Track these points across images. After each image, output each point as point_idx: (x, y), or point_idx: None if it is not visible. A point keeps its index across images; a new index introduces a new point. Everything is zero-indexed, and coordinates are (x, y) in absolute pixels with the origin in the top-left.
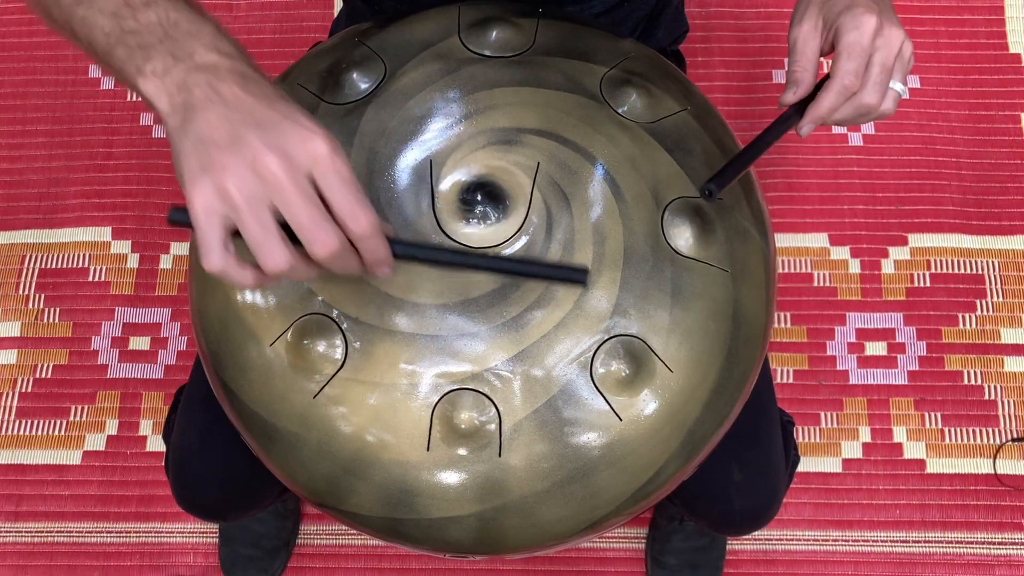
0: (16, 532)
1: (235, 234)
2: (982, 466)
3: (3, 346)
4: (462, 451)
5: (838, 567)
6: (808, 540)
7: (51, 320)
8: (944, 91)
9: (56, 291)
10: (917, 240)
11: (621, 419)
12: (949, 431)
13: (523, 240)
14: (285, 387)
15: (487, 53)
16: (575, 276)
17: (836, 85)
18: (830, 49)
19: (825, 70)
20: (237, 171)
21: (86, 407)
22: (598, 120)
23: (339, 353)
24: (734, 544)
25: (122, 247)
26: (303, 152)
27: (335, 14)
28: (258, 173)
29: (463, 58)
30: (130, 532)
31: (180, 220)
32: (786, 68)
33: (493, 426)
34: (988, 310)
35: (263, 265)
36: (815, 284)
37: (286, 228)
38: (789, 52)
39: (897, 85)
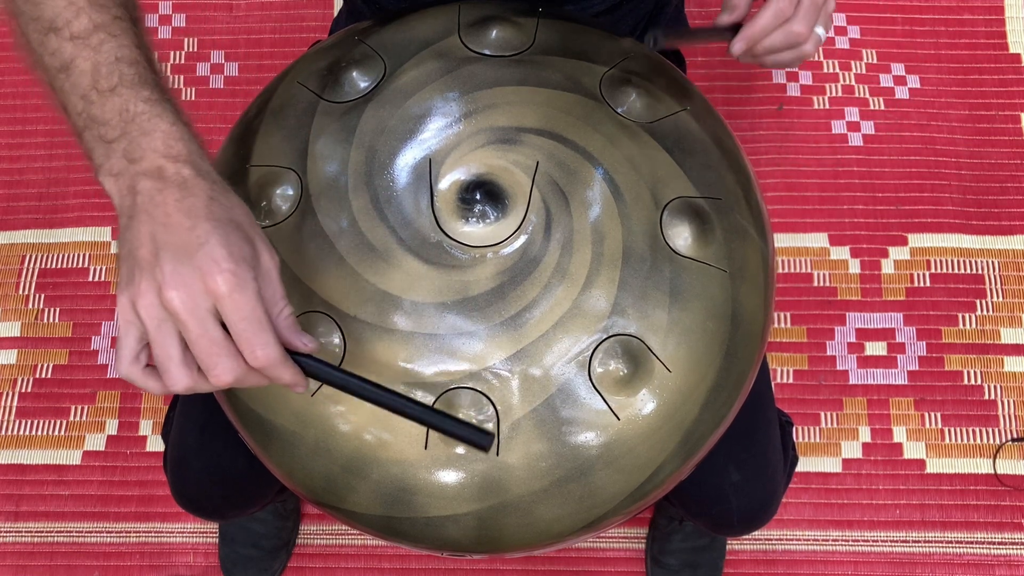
0: (16, 532)
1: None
2: (982, 466)
3: (3, 346)
4: (460, 450)
5: (838, 567)
6: (808, 540)
7: (51, 320)
8: (944, 91)
9: (56, 291)
10: (917, 240)
11: (619, 418)
12: (949, 431)
13: (522, 239)
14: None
15: (487, 52)
16: (481, 440)
17: (772, 7)
18: None
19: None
20: (147, 295)
21: (86, 407)
22: (598, 120)
23: (337, 351)
24: (734, 544)
25: None
26: (204, 289)
27: (335, 13)
28: (164, 303)
29: (463, 57)
30: (130, 532)
31: None
32: None
33: (491, 425)
34: (988, 310)
35: (165, 383)
36: (815, 284)
37: None
38: None
39: (819, 29)
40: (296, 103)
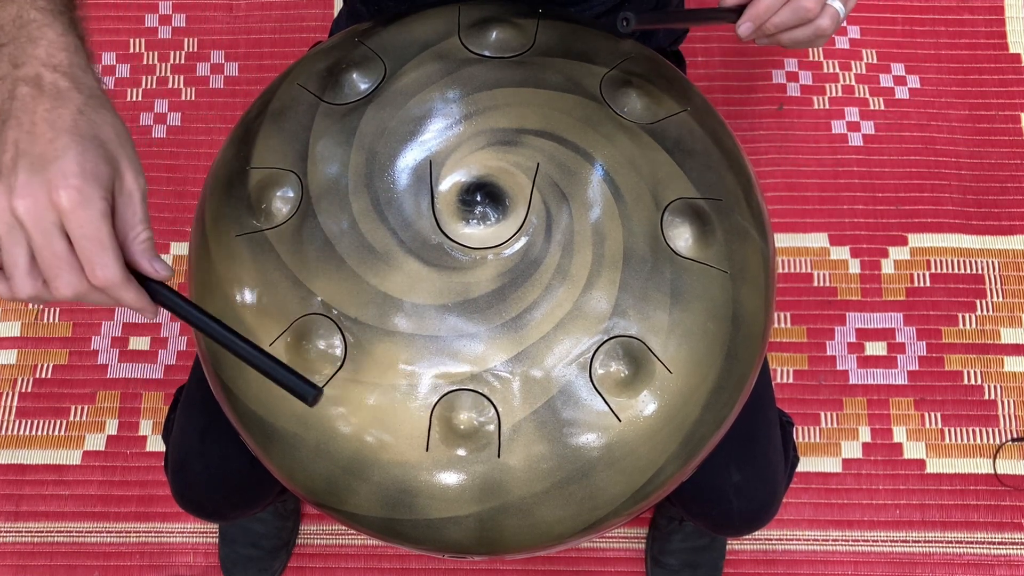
0: (16, 532)
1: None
2: (982, 466)
3: (3, 346)
4: (461, 452)
5: (838, 567)
6: (808, 540)
7: (51, 320)
8: (944, 91)
9: None
10: (917, 240)
11: (620, 420)
12: (949, 431)
13: (522, 241)
14: None
15: (487, 53)
16: (303, 391)
17: None
18: None
19: None
20: (4, 205)
21: (86, 407)
22: (598, 121)
23: (338, 353)
24: (734, 544)
25: None
26: (49, 203)
27: (335, 14)
28: (13, 211)
29: (463, 58)
30: (130, 532)
31: None
32: None
33: (492, 427)
34: (988, 310)
35: (11, 288)
36: (815, 284)
37: None
38: None
39: (835, 2)
40: (296, 105)
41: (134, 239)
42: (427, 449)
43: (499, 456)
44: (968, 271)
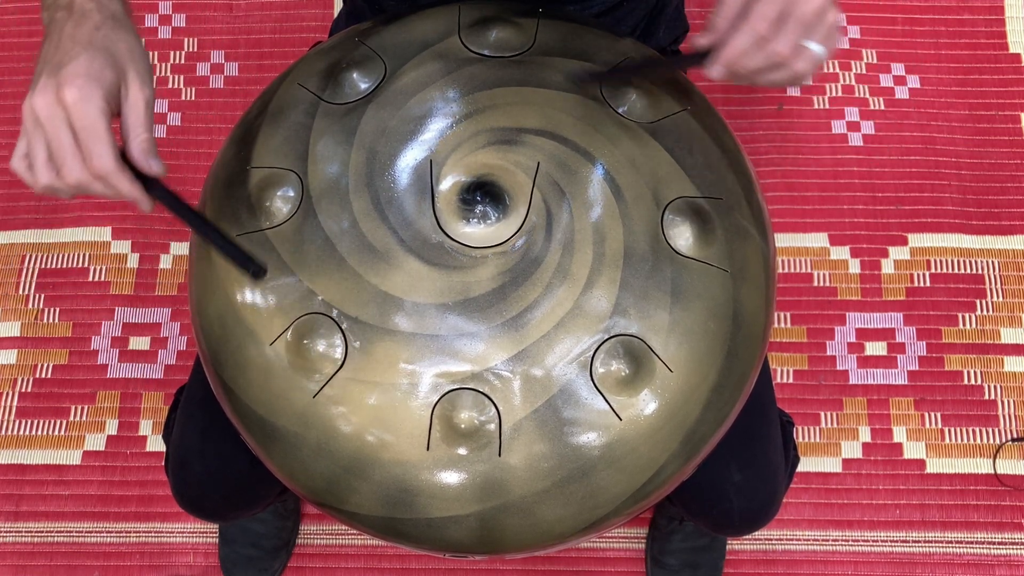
0: (16, 532)
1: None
2: (982, 466)
3: (3, 346)
4: (462, 451)
5: (838, 567)
6: (808, 540)
7: (51, 320)
8: (944, 91)
9: (56, 291)
10: (917, 240)
11: (621, 419)
12: (949, 431)
13: (523, 240)
14: (285, 386)
15: (487, 53)
16: (250, 266)
17: (747, 26)
18: None
19: None
20: (26, 103)
21: (86, 407)
22: (598, 120)
23: (339, 352)
24: (734, 544)
25: (122, 247)
26: (57, 98)
27: (335, 14)
28: (33, 109)
29: (463, 58)
30: (130, 532)
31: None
32: None
33: (493, 426)
34: (988, 310)
35: (34, 177)
36: (815, 284)
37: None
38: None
39: (814, 45)
40: (297, 105)
41: (134, 139)
42: (428, 448)
43: (500, 455)
44: (968, 271)
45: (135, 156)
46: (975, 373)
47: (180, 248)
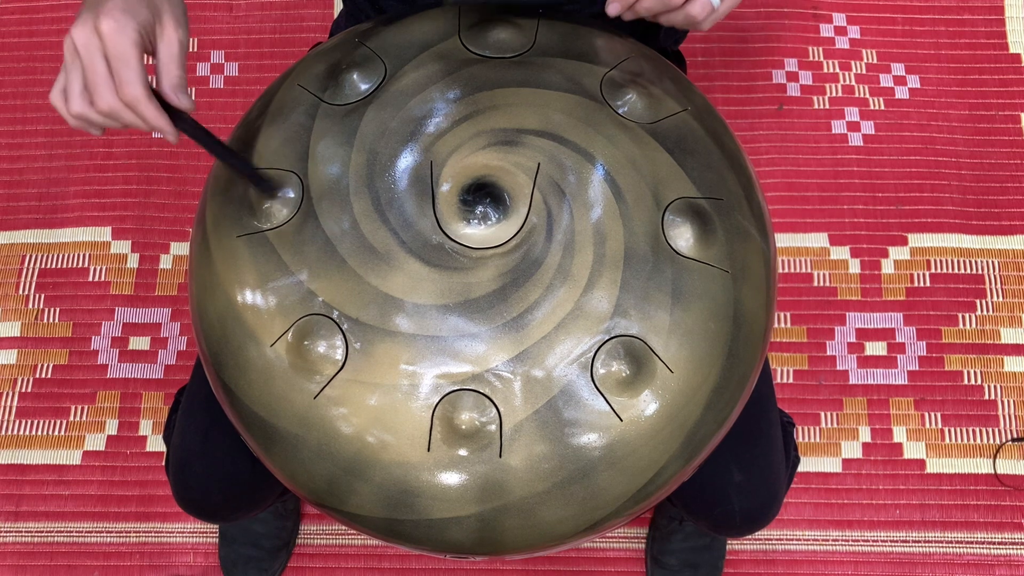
0: (16, 532)
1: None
2: (982, 466)
3: (3, 346)
4: (463, 452)
5: (838, 567)
6: (808, 540)
7: (51, 320)
8: (944, 91)
9: (56, 291)
10: (917, 240)
11: (622, 420)
12: (949, 431)
13: (524, 241)
14: (285, 388)
15: (487, 54)
16: (261, 184)
17: None
18: None
19: None
20: (68, 36)
21: (86, 407)
22: (598, 121)
23: (340, 354)
24: (734, 544)
25: (122, 247)
26: (94, 29)
27: (335, 14)
28: (72, 41)
29: (463, 59)
30: (130, 532)
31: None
32: None
33: (494, 427)
34: (988, 310)
35: (68, 106)
36: (815, 284)
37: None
38: None
39: None
40: (297, 105)
41: (166, 75)
42: (428, 449)
43: (500, 456)
44: (968, 271)
45: (165, 90)
46: (975, 373)
47: (180, 248)
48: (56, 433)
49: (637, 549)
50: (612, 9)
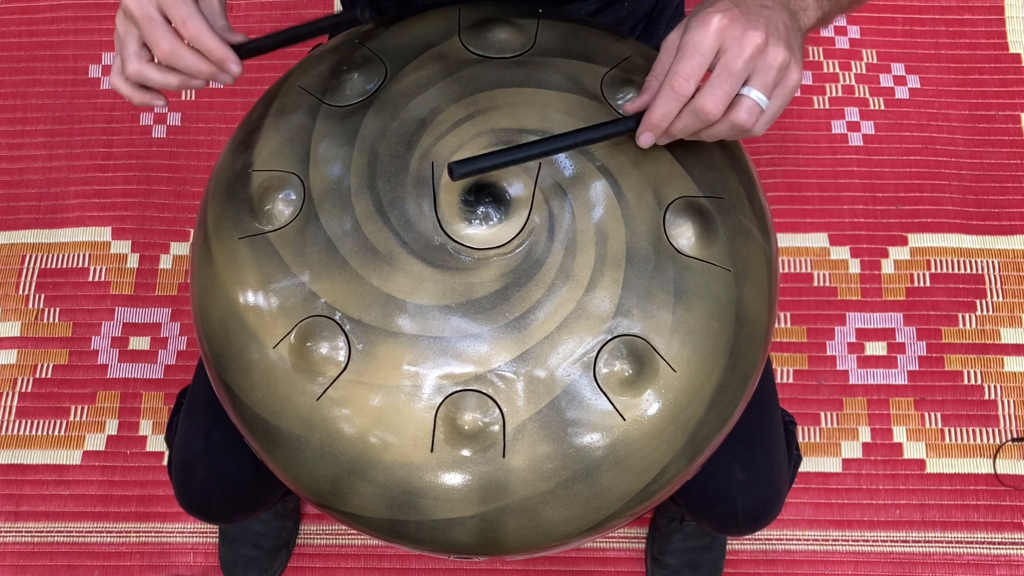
0: (16, 532)
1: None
2: (982, 466)
3: (3, 346)
4: (466, 452)
5: (838, 567)
6: (808, 540)
7: (51, 320)
8: (944, 91)
9: (56, 291)
10: (917, 240)
11: (624, 419)
12: (949, 431)
13: (525, 241)
14: (288, 389)
15: (488, 54)
16: (360, 19)
17: (665, 88)
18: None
19: None
20: (120, 11)
21: (86, 407)
22: (599, 120)
23: (342, 355)
24: (734, 544)
25: (122, 247)
26: None
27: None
28: (124, 9)
29: (464, 59)
30: (130, 532)
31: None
32: None
33: (497, 427)
34: (988, 310)
35: (125, 67)
36: (815, 284)
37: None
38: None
39: (754, 93)
40: (297, 107)
41: (214, 24)
42: (431, 450)
43: (504, 456)
44: (968, 271)
45: (219, 32)
46: (975, 373)
47: (180, 248)
48: (56, 433)
49: (637, 549)
50: (644, 140)
